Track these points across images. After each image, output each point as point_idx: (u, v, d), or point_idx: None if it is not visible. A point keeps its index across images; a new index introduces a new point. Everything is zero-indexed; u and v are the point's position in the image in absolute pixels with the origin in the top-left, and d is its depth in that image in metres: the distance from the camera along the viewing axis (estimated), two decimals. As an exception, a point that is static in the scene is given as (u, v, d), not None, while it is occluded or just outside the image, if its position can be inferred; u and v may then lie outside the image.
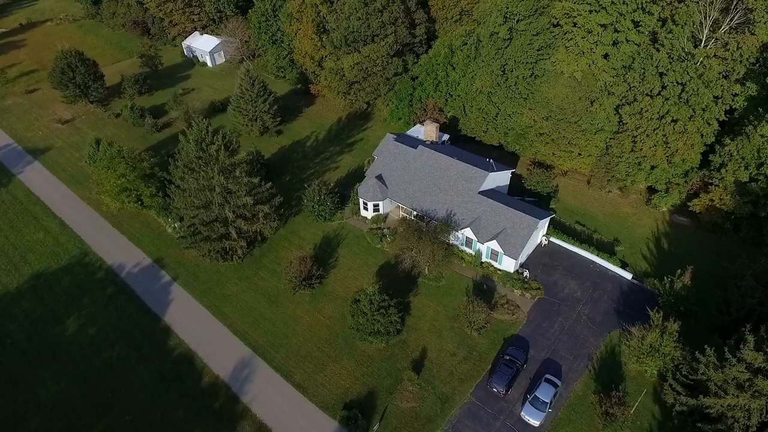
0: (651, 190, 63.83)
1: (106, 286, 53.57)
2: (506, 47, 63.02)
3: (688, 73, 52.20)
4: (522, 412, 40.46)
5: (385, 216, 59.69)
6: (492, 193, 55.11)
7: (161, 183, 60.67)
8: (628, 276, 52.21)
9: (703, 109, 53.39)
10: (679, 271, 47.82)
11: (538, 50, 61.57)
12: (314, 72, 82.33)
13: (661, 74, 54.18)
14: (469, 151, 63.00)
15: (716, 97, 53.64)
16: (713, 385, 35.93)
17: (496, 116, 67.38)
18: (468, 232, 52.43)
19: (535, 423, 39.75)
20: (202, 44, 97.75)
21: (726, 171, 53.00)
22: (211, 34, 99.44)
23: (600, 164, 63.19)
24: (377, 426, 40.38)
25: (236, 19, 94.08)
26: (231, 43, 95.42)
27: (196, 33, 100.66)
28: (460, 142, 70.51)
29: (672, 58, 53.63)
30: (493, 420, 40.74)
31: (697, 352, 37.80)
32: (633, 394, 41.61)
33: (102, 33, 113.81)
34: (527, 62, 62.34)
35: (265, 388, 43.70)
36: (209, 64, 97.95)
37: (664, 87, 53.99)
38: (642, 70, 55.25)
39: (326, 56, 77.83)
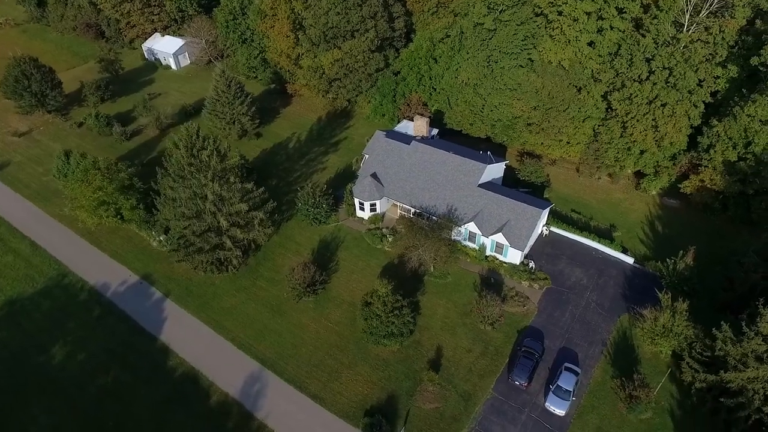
0: (639, 175, 66.31)
1: (92, 307, 51.22)
2: (491, 38, 64.06)
3: (674, 58, 54.51)
4: (546, 403, 41.30)
5: (382, 215, 59.61)
6: (490, 186, 55.98)
7: (141, 194, 58.60)
8: (630, 260, 54.10)
9: (690, 92, 55.93)
10: (681, 252, 49.87)
11: (522, 40, 62.88)
12: (290, 71, 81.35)
13: (647, 60, 56.38)
14: (457, 144, 63.66)
15: (700, 81, 56.25)
16: (732, 359, 37.71)
17: (483, 108, 68.44)
18: (472, 227, 53.04)
19: (561, 412, 40.66)
20: (165, 46, 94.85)
21: (715, 152, 55.69)
22: (173, 35, 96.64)
23: (589, 151, 65.22)
24: (403, 430, 40.30)
25: (200, 19, 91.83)
26: (196, 44, 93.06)
27: (157, 34, 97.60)
28: (447, 136, 71.18)
29: (657, 44, 55.89)
30: (518, 413, 41.42)
31: (714, 329, 39.56)
32: (650, 376, 43.14)
33: (49, 38, 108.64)
34: (513, 53, 63.61)
35: (279, 402, 42.87)
36: (173, 66, 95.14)
37: (651, 72, 56.21)
38: (629, 56, 57.34)
39: (303, 54, 77.06)
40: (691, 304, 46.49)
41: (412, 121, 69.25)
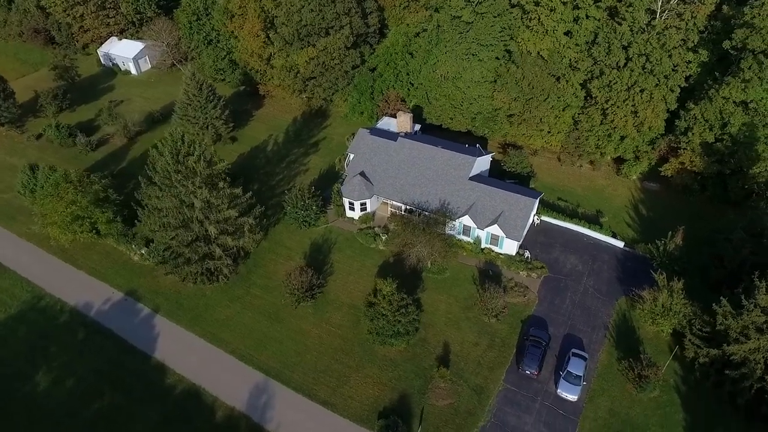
0: (618, 161, 68.74)
1: (75, 329, 49.05)
2: (468, 31, 65.05)
3: (650, 44, 56.84)
4: (558, 390, 42.35)
5: (372, 214, 59.57)
6: (481, 178, 56.94)
7: (118, 206, 56.62)
8: (620, 244, 56.10)
9: (666, 77, 58.44)
10: (670, 232, 52.13)
11: (500, 32, 64.21)
12: (262, 71, 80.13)
13: (625, 47, 58.54)
14: (443, 139, 64.37)
15: (675, 66, 58.83)
16: (733, 332, 39.71)
17: (463, 101, 69.46)
18: (466, 220, 53.72)
19: (573, 398, 41.79)
20: (123, 50, 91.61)
21: (692, 134, 58.41)
22: (131, 39, 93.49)
23: (570, 140, 67.19)
24: (420, 429, 40.46)
25: (161, 21, 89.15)
26: (157, 48, 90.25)
27: (114, 39, 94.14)
28: (427, 131, 71.78)
29: (633, 31, 58.13)
30: (531, 402, 42.31)
31: (714, 305, 41.52)
32: (653, 355, 44.69)
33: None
34: (491, 44, 64.89)
35: (289, 412, 42.24)
36: (134, 71, 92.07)
37: (629, 59, 58.41)
38: (607, 44, 59.35)
39: (275, 53, 76.11)
40: (684, 283, 48.67)
41: (394, 117, 69.75)
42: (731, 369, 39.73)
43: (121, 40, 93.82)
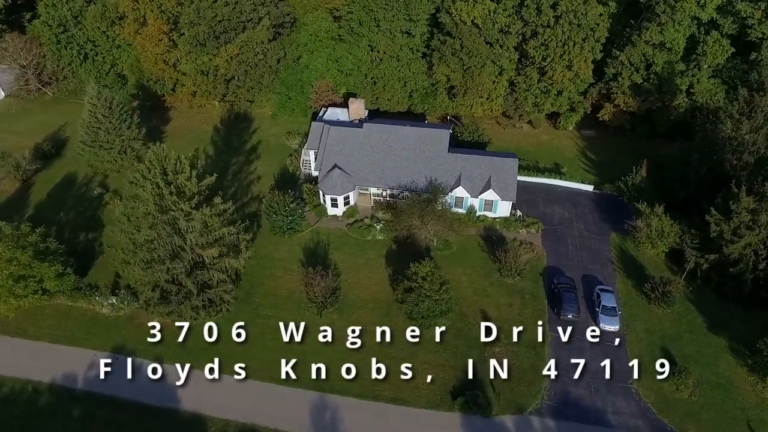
0: (552, 116, 78.33)
1: (67, 408, 43.91)
2: (399, 8, 69.35)
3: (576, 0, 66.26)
4: (600, 324, 48.84)
5: (354, 206, 61.14)
6: (457, 149, 61.70)
7: (63, 256, 51.19)
8: (590, 188, 64.96)
9: (592, 30, 68.53)
10: (634, 167, 61.96)
11: (427, 4, 69.68)
12: (164, 80, 75.97)
13: (553, 5, 67.31)
14: (401, 120, 68.22)
15: (596, 20, 69.18)
16: (727, 234, 49.42)
17: (400, 79, 73.82)
18: (459, 191, 58.02)
19: (615, 328, 48.64)
20: (-36, 80, 79.90)
21: (622, 78, 69.40)
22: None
23: (508, 102, 75.15)
24: (497, 395, 44.03)
25: (13, 37, 79.20)
26: (11, 71, 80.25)
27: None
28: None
29: (557, -10, 67.19)
30: (581, 342, 48.25)
31: (707, 216, 50.96)
32: (657, 274, 53.51)
33: None
34: (421, 19, 70.14)
35: (362, 420, 43.04)
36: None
37: (559, 16, 67.31)
38: (536, 6, 67.64)
39: (182, 57, 72.92)
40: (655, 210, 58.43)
41: (336, 107, 71.68)
42: (732, 266, 49.47)
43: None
